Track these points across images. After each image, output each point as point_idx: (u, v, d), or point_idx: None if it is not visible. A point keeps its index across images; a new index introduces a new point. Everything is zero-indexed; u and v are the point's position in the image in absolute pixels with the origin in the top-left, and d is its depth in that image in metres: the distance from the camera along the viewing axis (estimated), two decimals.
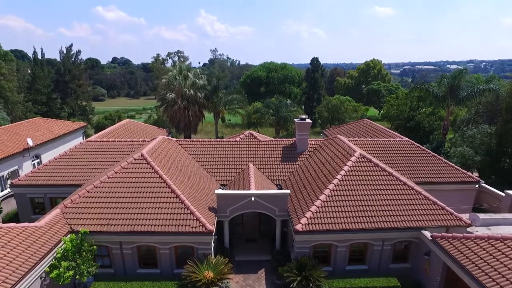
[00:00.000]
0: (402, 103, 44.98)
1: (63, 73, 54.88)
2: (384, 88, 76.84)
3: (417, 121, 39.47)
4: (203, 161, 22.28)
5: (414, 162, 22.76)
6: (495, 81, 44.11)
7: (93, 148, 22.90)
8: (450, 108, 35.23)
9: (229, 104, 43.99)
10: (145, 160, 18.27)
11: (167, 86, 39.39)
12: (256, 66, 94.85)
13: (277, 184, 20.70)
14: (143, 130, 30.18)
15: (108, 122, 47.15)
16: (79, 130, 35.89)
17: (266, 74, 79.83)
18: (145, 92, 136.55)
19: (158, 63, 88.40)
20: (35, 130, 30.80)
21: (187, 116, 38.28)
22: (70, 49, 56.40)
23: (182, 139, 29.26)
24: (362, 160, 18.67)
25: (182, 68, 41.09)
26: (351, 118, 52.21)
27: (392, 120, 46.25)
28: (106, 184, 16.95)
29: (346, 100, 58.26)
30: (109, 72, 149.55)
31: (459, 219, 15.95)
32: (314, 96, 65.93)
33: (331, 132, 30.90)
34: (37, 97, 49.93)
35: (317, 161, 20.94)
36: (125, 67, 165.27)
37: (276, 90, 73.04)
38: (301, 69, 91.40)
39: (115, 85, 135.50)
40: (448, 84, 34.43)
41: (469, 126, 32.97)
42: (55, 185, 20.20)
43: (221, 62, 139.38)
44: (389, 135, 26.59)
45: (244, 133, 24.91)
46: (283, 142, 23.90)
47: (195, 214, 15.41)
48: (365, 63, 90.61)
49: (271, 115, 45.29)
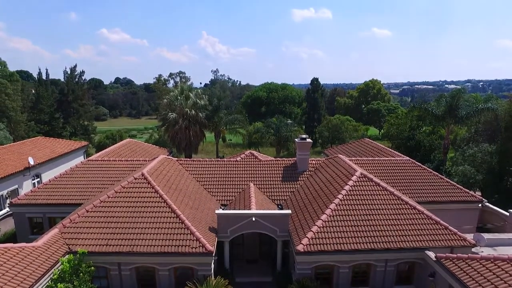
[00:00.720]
0: (402, 122, 45.16)
1: (67, 93, 55.69)
2: (384, 108, 77.40)
3: (417, 140, 39.52)
4: (204, 180, 22.21)
5: (415, 181, 22.65)
6: (493, 100, 44.43)
7: (94, 167, 22.90)
8: (449, 127, 35.38)
9: (230, 124, 44.24)
10: (145, 180, 18.23)
11: (169, 106, 39.78)
12: (256, 87, 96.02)
13: (278, 204, 20.53)
14: (144, 150, 30.25)
15: (110, 141, 47.27)
16: (80, 149, 35.97)
17: (267, 94, 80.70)
18: (146, 112, 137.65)
19: (160, 84, 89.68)
20: (37, 149, 30.91)
21: (188, 135, 38.44)
22: (74, 70, 57.53)
23: (183, 158, 29.27)
24: (363, 179, 18.60)
25: (183, 89, 41.65)
26: (351, 137, 52.34)
27: (393, 139, 46.28)
28: (106, 203, 16.85)
29: (347, 120, 58.56)
30: (112, 92, 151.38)
31: (463, 239, 15.72)
32: (314, 116, 66.30)
33: (331, 152, 30.92)
34: (40, 117, 50.48)
35: (318, 181, 20.85)
36: (127, 87, 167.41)
37: (277, 110, 73.61)
38: (301, 90, 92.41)
39: (117, 105, 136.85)
40: (447, 103, 34.73)
41: (470, 145, 32.98)
42: (54, 204, 20.08)
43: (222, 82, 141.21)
44: (390, 154, 26.58)
45: (245, 153, 24.96)
46: (284, 161, 23.89)
47: (195, 235, 15.22)
48: (364, 83, 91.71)
49: (272, 135, 45.44)
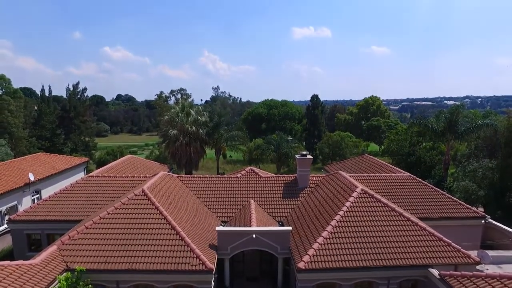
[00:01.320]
0: (402, 138, 45.31)
1: (68, 109, 56.16)
2: (384, 124, 77.71)
3: (417, 156, 39.55)
4: (204, 197, 22.11)
5: (416, 198, 22.52)
6: (492, 116, 44.71)
7: (94, 184, 22.84)
8: (449, 143, 35.46)
9: (230, 140, 44.38)
10: (145, 196, 18.16)
11: (170, 122, 40.03)
12: (257, 104, 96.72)
13: (278, 221, 20.37)
14: (144, 166, 30.24)
15: (110, 157, 47.33)
16: (81, 166, 35.97)
17: (267, 111, 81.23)
18: (147, 128, 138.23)
19: (161, 100, 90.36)
20: (37, 165, 30.92)
21: (188, 152, 38.50)
22: (77, 87, 58.19)
23: (183, 175, 29.23)
24: (364, 195, 18.51)
25: (184, 105, 42.01)
26: (352, 154, 52.32)
27: (393, 155, 46.33)
28: (106, 220, 16.73)
29: (347, 136, 58.71)
30: (113, 108, 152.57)
31: (467, 257, 15.50)
32: (314, 132, 66.53)
33: (332, 168, 30.88)
34: (41, 133, 50.72)
35: (318, 197, 20.75)
36: (128, 104, 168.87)
37: (277, 126, 73.93)
38: (301, 106, 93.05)
39: (118, 121, 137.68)
40: (446, 119, 34.94)
41: (470, 161, 32.95)
42: (53, 221, 19.91)
43: (222, 99, 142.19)
44: (391, 170, 26.53)
45: (245, 169, 24.95)
46: (285, 178, 23.84)
47: (196, 252, 15.04)
48: (364, 99, 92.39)
49: (272, 152, 45.52)
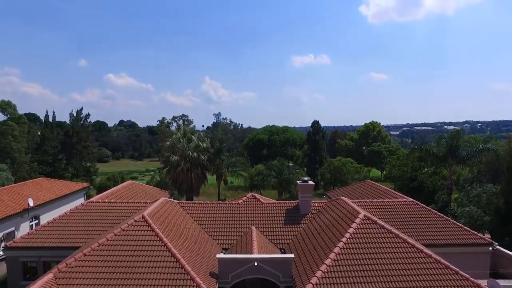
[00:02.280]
0: (404, 163, 45.26)
1: (71, 135, 56.55)
2: (385, 150, 77.83)
3: (420, 181, 39.31)
4: (205, 224, 21.83)
5: (420, 224, 22.16)
6: (493, 141, 44.85)
7: (93, 209, 22.63)
8: (451, 167, 35.35)
9: (231, 166, 44.42)
10: (146, 223, 17.94)
11: (171, 148, 40.24)
12: (258, 129, 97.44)
13: (280, 248, 19.98)
14: (145, 192, 30.10)
15: (111, 183, 47.16)
16: (81, 191, 35.85)
17: (268, 137, 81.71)
18: (149, 154, 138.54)
19: (163, 126, 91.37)
20: (37, 190, 30.81)
21: (190, 178, 38.43)
22: (80, 113, 58.86)
23: (184, 201, 29.04)
24: (367, 222, 18.25)
25: (186, 131, 42.41)
26: (353, 179, 52.07)
27: (395, 181, 46.09)
28: (105, 247, 16.43)
29: (348, 162, 58.66)
30: (115, 134, 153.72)
31: (477, 286, 15.01)
32: (316, 158, 66.53)
33: (334, 194, 30.65)
34: (43, 158, 50.82)
35: (321, 224, 20.46)
36: (131, 130, 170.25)
37: (278, 152, 74.09)
38: (302, 132, 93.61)
39: (120, 147, 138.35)
40: (447, 144, 35.03)
41: (474, 186, 32.68)
42: (51, 247, 19.54)
43: (224, 125, 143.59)
44: (393, 195, 26.31)
45: (247, 196, 24.78)
46: (286, 204, 23.61)
47: (196, 280, 14.67)
48: (364, 125, 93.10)
49: (274, 178, 45.38)
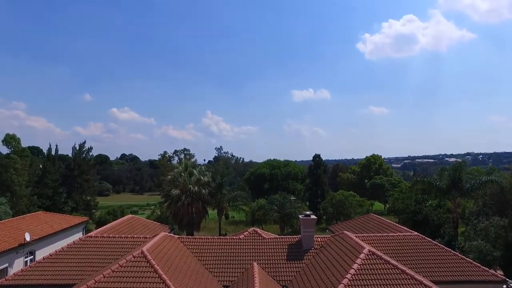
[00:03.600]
0: (407, 196, 44.84)
1: (73, 168, 56.58)
2: (387, 182, 77.38)
3: (424, 214, 38.69)
4: (205, 259, 21.22)
5: (427, 259, 21.47)
6: (495, 173, 44.63)
7: (91, 244, 22.10)
8: (456, 200, 34.91)
9: (233, 201, 44.09)
10: (145, 258, 17.47)
11: (172, 182, 40.19)
12: (259, 163, 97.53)
13: (283, 285, 19.29)
14: (145, 226, 29.63)
15: (111, 217, 46.64)
16: (79, 225, 35.35)
17: (270, 171, 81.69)
18: (150, 188, 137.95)
19: (164, 160, 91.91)
20: (35, 225, 30.34)
21: (190, 212, 38.04)
22: (83, 146, 59.17)
23: (185, 236, 28.58)
24: (372, 257, 17.73)
25: (187, 165, 42.55)
26: (356, 213, 51.34)
27: (399, 214, 45.42)
28: (101, 284, 15.87)
29: (350, 195, 58.14)
30: (117, 168, 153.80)
31: None
32: (317, 192, 66.12)
33: (337, 228, 30.10)
34: (43, 191, 50.51)
35: (324, 259, 19.91)
36: (132, 164, 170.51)
37: (280, 186, 73.75)
38: (303, 166, 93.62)
39: (121, 180, 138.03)
40: (449, 176, 34.85)
41: (480, 219, 32.08)
42: (45, 285, 18.83)
43: (225, 159, 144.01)
44: (398, 229, 25.77)
45: (248, 231, 24.32)
46: (288, 239, 23.11)
47: None
48: (366, 158, 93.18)
49: (276, 212, 44.85)
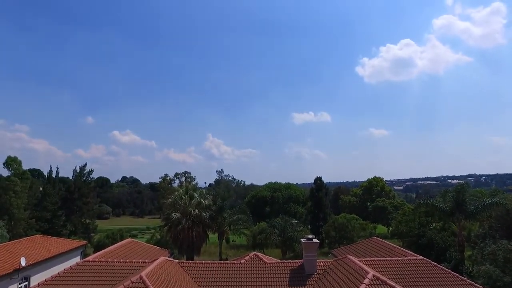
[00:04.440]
0: (410, 219, 44.25)
1: (73, 191, 56.18)
2: (390, 205, 76.51)
3: (429, 237, 37.97)
4: (206, 285, 20.63)
5: (434, 284, 20.82)
6: (499, 195, 44.16)
7: (89, 269, 21.62)
8: (460, 223, 34.32)
9: (233, 224, 43.56)
10: (143, 284, 17.03)
11: (173, 205, 39.83)
12: (260, 186, 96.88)
13: None
14: (144, 250, 29.09)
15: (109, 241, 45.99)
16: (78, 249, 34.75)
17: (271, 194, 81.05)
18: (150, 211, 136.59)
19: (165, 183, 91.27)
20: (32, 249, 29.76)
21: (191, 236, 37.44)
22: (84, 169, 59.00)
23: (185, 260, 28.03)
24: (377, 282, 17.26)
25: (188, 188, 42.32)
26: (359, 236, 50.50)
27: (403, 237, 44.66)
28: None
29: (353, 218, 57.39)
30: (117, 190, 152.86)
31: None
32: (319, 215, 65.27)
33: (340, 252, 29.49)
34: (42, 214, 49.87)
35: (327, 284, 19.38)
36: (133, 186, 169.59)
37: (281, 209, 72.99)
38: (305, 189, 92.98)
39: (121, 203, 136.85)
40: (453, 198, 34.44)
41: (487, 242, 31.37)
42: None
43: (226, 182, 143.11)
44: (402, 253, 25.21)
45: (249, 255, 23.85)
46: (290, 264, 22.60)
47: None
48: (367, 180, 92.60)
49: (277, 236, 44.20)
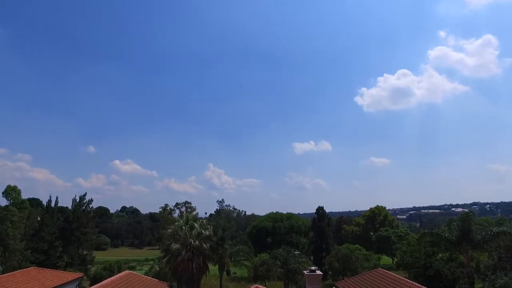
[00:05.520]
0: (416, 249, 43.21)
1: (71, 221, 55.28)
2: (394, 235, 75.06)
3: (436, 268, 36.90)
4: None
5: None
6: (506, 223, 43.32)
7: None
8: (468, 253, 33.41)
9: (234, 255, 42.58)
10: None
11: (173, 236, 39.17)
12: (262, 216, 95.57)
13: None
14: (143, 283, 28.39)
15: (107, 273, 44.79)
16: (73, 282, 33.83)
17: (272, 224, 79.89)
18: (149, 241, 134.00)
19: (165, 213, 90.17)
20: (25, 282, 28.89)
21: (191, 268, 36.42)
22: (83, 198, 58.42)
23: None
24: None
25: (188, 218, 41.69)
26: (363, 268, 49.14)
27: (409, 269, 43.42)
28: None
29: (356, 249, 56.15)
30: (116, 220, 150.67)
31: None
32: (322, 245, 63.92)
33: (344, 285, 28.70)
34: (38, 245, 48.79)
35: None
36: (132, 216, 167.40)
37: (283, 240, 71.62)
38: (307, 219, 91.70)
39: (120, 234, 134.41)
40: (458, 227, 33.75)
41: (498, 274, 30.39)
42: None
43: (227, 212, 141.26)
44: (409, 285, 24.47)
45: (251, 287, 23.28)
46: None
47: None
48: (370, 210, 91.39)
49: (279, 267, 43.22)
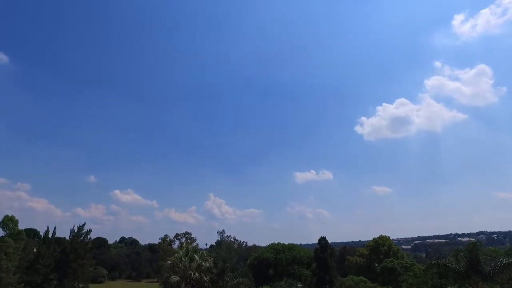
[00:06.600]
0: (422, 281, 41.91)
1: (68, 252, 54.04)
2: (399, 266, 72.99)
3: None
4: None
5: None
6: None
7: None
8: (478, 285, 32.26)
9: None
10: None
11: (172, 268, 38.28)
12: (263, 247, 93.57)
13: None
14: None
15: None
16: None
17: (274, 255, 78.08)
18: (148, 274, 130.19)
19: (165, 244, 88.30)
20: None
21: None
22: (82, 229, 57.43)
23: None
24: None
25: (188, 250, 40.94)
26: None
27: None
28: None
29: (361, 281, 54.53)
30: (115, 251, 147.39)
31: None
32: (325, 277, 61.97)
33: None
34: (33, 278, 47.32)
35: None
36: (131, 247, 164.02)
37: (285, 272, 69.74)
38: (309, 249, 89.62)
39: (118, 265, 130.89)
40: (466, 258, 32.83)
41: None
42: None
43: (228, 243, 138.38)
44: None
45: None
46: None
47: None
48: (373, 240, 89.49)
49: None
